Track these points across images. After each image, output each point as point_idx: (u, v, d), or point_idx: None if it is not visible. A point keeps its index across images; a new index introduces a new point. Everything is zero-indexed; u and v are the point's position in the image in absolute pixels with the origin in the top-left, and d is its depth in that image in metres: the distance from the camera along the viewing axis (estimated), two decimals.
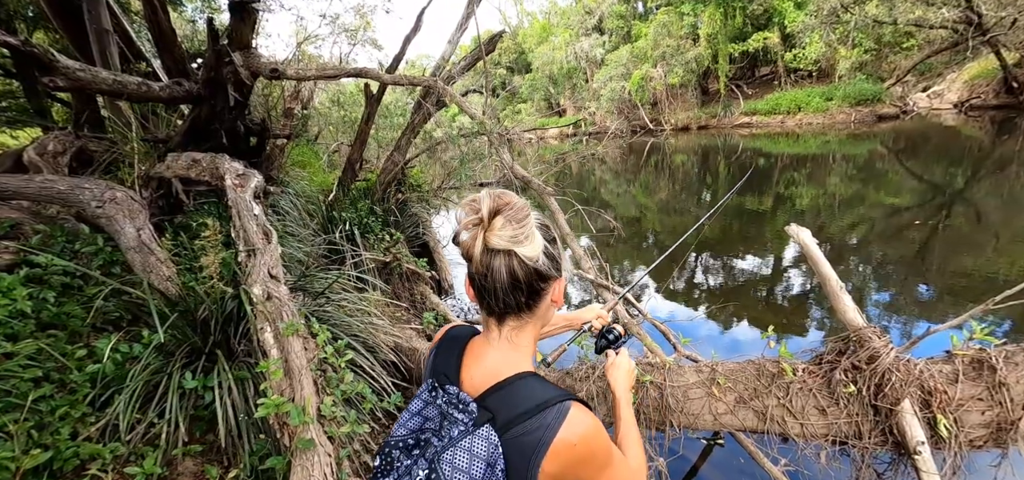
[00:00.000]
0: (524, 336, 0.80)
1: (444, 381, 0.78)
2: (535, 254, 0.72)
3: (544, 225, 0.79)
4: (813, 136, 17.21)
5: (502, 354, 0.78)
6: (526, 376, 0.75)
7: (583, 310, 1.35)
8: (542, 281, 0.76)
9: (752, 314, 4.57)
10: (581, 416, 0.72)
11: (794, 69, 21.79)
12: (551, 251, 0.77)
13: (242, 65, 2.98)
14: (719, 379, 1.63)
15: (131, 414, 1.79)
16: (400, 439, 0.73)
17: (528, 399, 0.71)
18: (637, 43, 25.73)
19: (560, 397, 0.72)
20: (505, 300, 0.75)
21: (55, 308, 2.06)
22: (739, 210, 8.99)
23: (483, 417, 0.70)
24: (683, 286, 5.63)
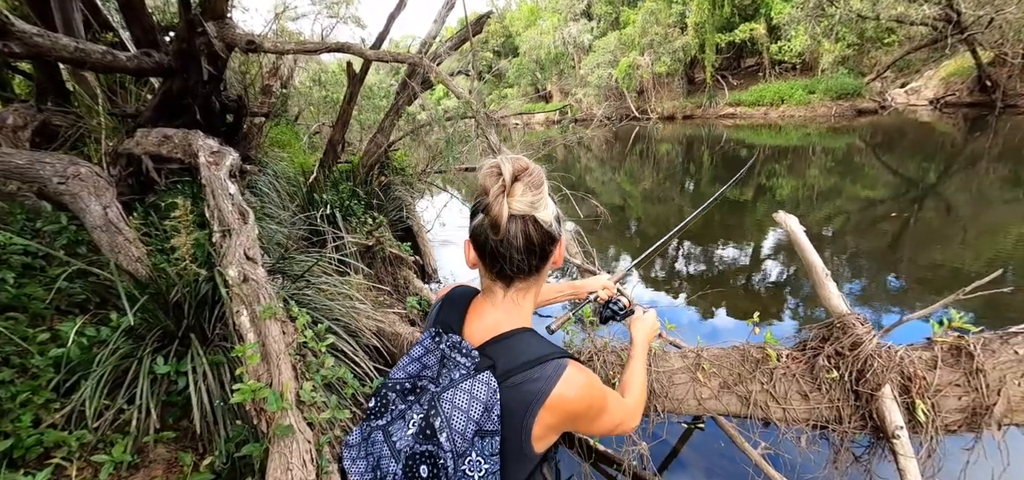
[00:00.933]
0: (528, 297, 0.81)
1: (447, 329, 0.80)
2: (549, 218, 0.74)
3: (549, 191, 0.79)
4: (795, 128, 17.49)
5: (504, 313, 0.80)
6: (526, 331, 0.78)
7: (590, 280, 1.33)
8: (552, 244, 0.78)
9: (731, 302, 4.65)
10: (577, 374, 0.74)
11: (779, 61, 22.04)
12: (557, 212, 0.79)
13: (216, 36, 2.84)
14: (704, 364, 1.63)
15: (99, 400, 1.70)
16: (397, 382, 0.75)
17: (528, 351, 0.74)
18: (625, 30, 25.65)
19: (558, 353, 0.75)
20: (519, 264, 0.75)
21: (15, 289, 1.95)
22: (721, 200, 9.10)
23: (484, 363, 0.72)
24: (664, 274, 5.69)
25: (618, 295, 1.30)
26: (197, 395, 1.65)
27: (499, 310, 0.80)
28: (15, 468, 1.47)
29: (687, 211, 8.91)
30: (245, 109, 5.06)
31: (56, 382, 1.72)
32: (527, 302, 0.82)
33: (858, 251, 5.84)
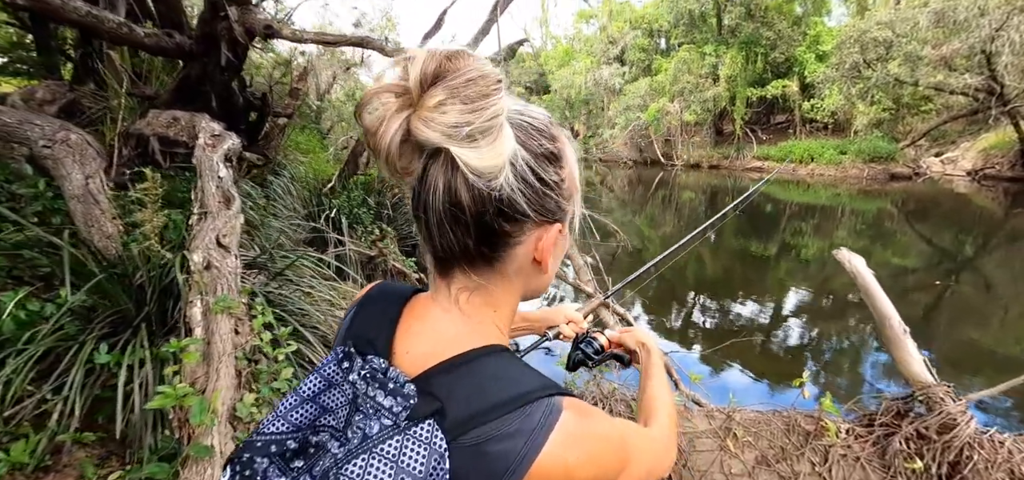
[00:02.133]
0: (485, 306, 0.50)
1: (365, 348, 0.49)
2: (492, 166, 0.41)
3: (535, 126, 0.47)
4: (824, 187, 17.01)
5: (460, 323, 0.50)
6: (495, 352, 0.48)
7: (551, 310, 0.99)
8: (507, 220, 0.45)
9: (749, 361, 4.25)
10: (578, 422, 0.45)
11: (810, 119, 21.75)
12: (537, 170, 0.46)
13: (237, 21, 2.76)
14: (736, 430, 1.33)
15: (21, 384, 1.48)
16: (274, 438, 0.45)
17: (499, 386, 0.44)
18: (657, 77, 25.80)
19: (547, 389, 0.45)
20: (442, 239, 0.46)
21: None
22: (742, 254, 8.74)
23: (425, 407, 0.42)
24: (679, 324, 5.33)
25: (591, 332, 0.98)
26: (122, 393, 1.40)
27: (451, 319, 0.50)
28: None
29: (707, 261, 8.53)
30: (268, 108, 5.02)
31: None
32: (487, 310, 0.51)
33: None
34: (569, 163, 0.50)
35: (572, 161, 0.51)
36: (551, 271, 0.54)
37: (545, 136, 0.47)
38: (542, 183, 0.46)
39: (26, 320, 1.62)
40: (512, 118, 0.45)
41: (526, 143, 0.45)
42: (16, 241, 1.99)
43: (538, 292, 0.56)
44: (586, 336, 0.96)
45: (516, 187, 0.44)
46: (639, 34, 28.71)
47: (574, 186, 0.52)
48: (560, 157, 0.49)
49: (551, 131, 0.48)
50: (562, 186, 0.49)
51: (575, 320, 0.98)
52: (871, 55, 16.63)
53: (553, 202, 0.48)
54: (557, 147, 0.48)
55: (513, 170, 0.43)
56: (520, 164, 0.44)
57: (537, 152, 0.46)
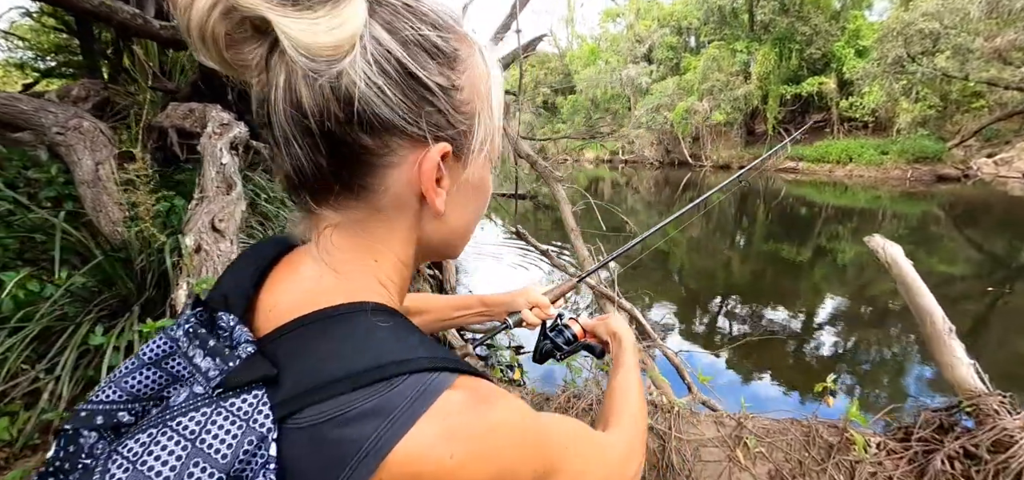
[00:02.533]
0: (360, 251, 0.40)
1: (219, 305, 0.37)
2: (327, 44, 0.31)
3: (414, 9, 0.35)
4: (863, 189, 16.18)
5: (322, 272, 0.39)
6: (363, 310, 0.37)
7: (513, 292, 0.87)
8: (364, 128, 0.34)
9: (779, 370, 4.00)
10: (469, 404, 0.34)
11: (849, 118, 20.76)
12: (407, 63, 0.34)
13: None
14: (747, 440, 1.19)
15: (16, 362, 1.49)
16: (101, 409, 0.34)
17: (355, 353, 0.33)
18: (685, 75, 25.21)
19: (428, 360, 0.34)
20: (290, 158, 0.36)
21: None
22: (774, 258, 8.36)
23: (249, 373, 0.31)
24: (703, 329, 5.10)
25: (560, 320, 0.87)
26: (106, 373, 1.38)
27: (317, 267, 0.39)
28: None
29: (735, 265, 8.20)
30: None
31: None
32: (363, 257, 0.40)
33: None
34: (474, 71, 0.39)
35: (481, 72, 0.40)
36: (457, 219, 0.43)
37: (427, 22, 0.35)
38: (416, 82, 0.35)
39: (25, 300, 1.64)
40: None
41: (392, 24, 0.34)
42: (30, 224, 2.03)
43: (447, 249, 0.46)
44: (557, 324, 0.86)
45: (372, 81, 0.33)
46: (667, 32, 28.11)
47: (482, 106, 0.40)
48: (453, 56, 0.37)
49: (444, 20, 0.37)
50: (453, 94, 0.37)
51: (540, 305, 0.85)
52: (916, 48, 15.73)
53: (436, 113, 0.36)
54: (450, 42, 0.37)
55: (367, 56, 0.33)
56: (378, 49, 0.33)
57: (408, 37, 0.34)
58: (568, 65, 35.85)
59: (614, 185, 21.21)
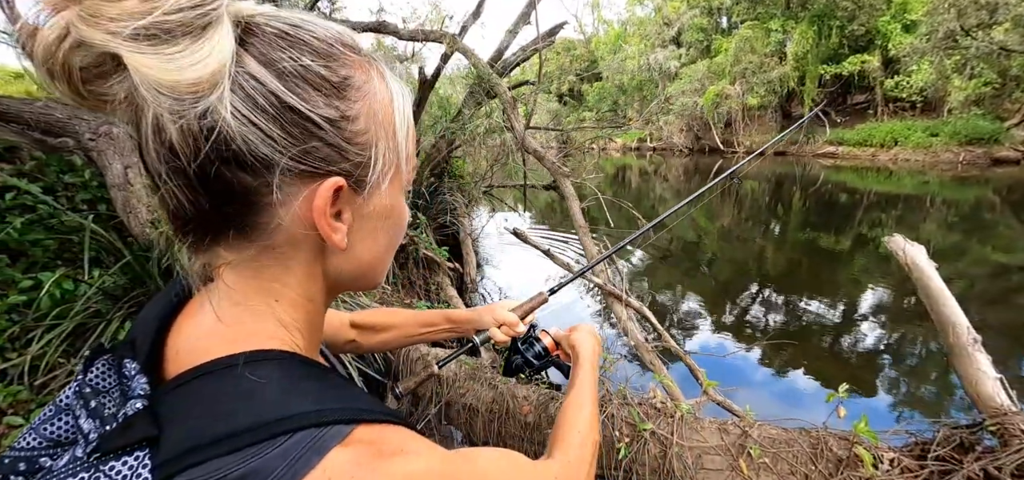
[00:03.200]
0: (260, 294, 0.38)
1: (127, 351, 0.38)
2: (186, 81, 0.28)
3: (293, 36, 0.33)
4: (910, 174, 15.27)
5: (220, 319, 0.37)
6: (259, 359, 0.35)
7: (480, 309, 0.87)
8: (242, 168, 0.32)
9: (816, 368, 3.83)
10: (364, 460, 0.32)
11: (894, 98, 19.52)
12: (285, 96, 0.32)
13: None
14: (751, 449, 1.14)
15: (53, 356, 1.59)
16: (22, 456, 0.35)
17: (240, 409, 0.32)
18: (716, 58, 24.31)
19: (323, 415, 0.32)
20: (170, 198, 0.33)
21: (18, 234, 1.94)
22: (810, 247, 8.00)
23: (129, 434, 0.31)
24: (733, 322, 4.93)
25: (532, 331, 0.86)
26: None
27: (213, 310, 0.38)
28: None
29: (769, 255, 7.90)
30: None
31: (14, 331, 1.63)
32: (263, 299, 0.38)
33: (984, 323, 4.67)
34: (370, 99, 0.37)
35: (380, 99, 0.38)
36: (365, 251, 0.41)
37: (309, 50, 0.33)
38: (297, 116, 0.32)
39: (60, 298, 1.75)
40: (247, 18, 0.32)
41: (265, 55, 0.32)
42: (67, 226, 2.15)
43: (359, 281, 0.44)
44: (528, 337, 0.84)
45: (246, 118, 0.31)
46: (697, 13, 27.14)
47: (382, 134, 0.38)
48: (342, 86, 0.35)
49: (324, 48, 0.34)
50: (345, 126, 0.35)
51: (508, 323, 0.84)
52: (971, 21, 14.59)
53: (324, 147, 0.34)
54: (338, 70, 0.35)
55: (239, 92, 0.31)
56: (252, 84, 0.31)
57: (286, 69, 0.32)
58: (593, 51, 35.19)
59: (642, 173, 20.78)
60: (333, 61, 0.35)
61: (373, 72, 0.38)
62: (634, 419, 1.26)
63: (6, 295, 1.68)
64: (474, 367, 1.95)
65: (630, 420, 1.30)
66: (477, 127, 5.55)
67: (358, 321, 0.80)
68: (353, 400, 0.36)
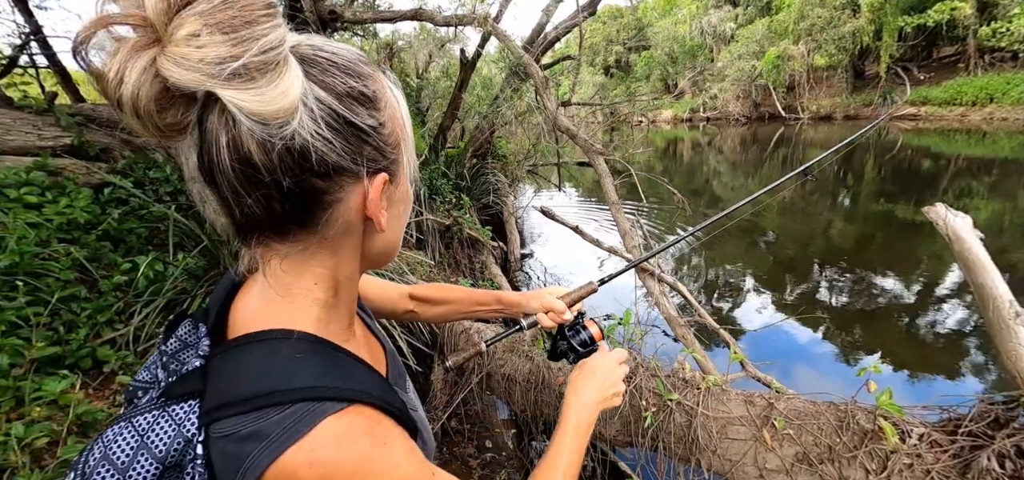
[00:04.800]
0: (303, 277, 0.45)
1: (201, 317, 0.48)
2: (278, 110, 0.35)
3: (335, 62, 0.40)
4: (1007, 135, 13.52)
5: (266, 297, 0.45)
6: (279, 338, 0.42)
7: (529, 294, 0.89)
8: (316, 175, 0.39)
9: (887, 347, 3.59)
10: (352, 437, 0.38)
11: (990, 49, 17.20)
12: (344, 112, 0.39)
13: (310, 10, 3.00)
14: (776, 421, 1.13)
15: (151, 327, 1.85)
16: (135, 384, 0.47)
17: (258, 376, 0.39)
18: (777, 16, 22.48)
19: (318, 391, 0.39)
20: (241, 207, 0.39)
21: (117, 223, 2.24)
22: (886, 218, 7.37)
23: (183, 386, 0.41)
24: (788, 297, 4.69)
25: (579, 319, 0.87)
26: None
27: (263, 290, 0.45)
28: (73, 371, 1.63)
29: (837, 227, 7.38)
30: None
31: (120, 306, 1.91)
32: (305, 283, 0.45)
33: None
34: (390, 105, 0.44)
35: (394, 104, 0.45)
36: (393, 231, 0.49)
37: (351, 74, 0.40)
38: (353, 128, 0.40)
39: (153, 278, 2.01)
40: (303, 53, 0.39)
41: (324, 81, 0.38)
42: (154, 216, 2.44)
43: (384, 257, 0.52)
44: (575, 324, 0.86)
45: (319, 134, 0.37)
46: None
47: (401, 132, 0.46)
48: (375, 98, 0.42)
49: (359, 69, 0.41)
50: (382, 131, 0.43)
51: (555, 309, 0.86)
52: None
53: (372, 149, 0.42)
54: (370, 86, 0.42)
55: (311, 114, 0.37)
56: (319, 107, 0.37)
57: (341, 91, 0.39)
58: (641, 19, 33.61)
59: (694, 146, 19.84)
60: (366, 79, 0.41)
61: (385, 83, 0.45)
62: (660, 389, 1.29)
63: (111, 276, 1.97)
64: (513, 339, 2.04)
65: (657, 391, 1.33)
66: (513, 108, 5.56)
67: (418, 294, 0.87)
68: (355, 382, 0.42)
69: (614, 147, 6.64)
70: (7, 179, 2.09)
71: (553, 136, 5.89)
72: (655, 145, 20.17)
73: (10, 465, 1.24)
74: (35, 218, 1.98)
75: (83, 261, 1.95)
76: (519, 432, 2.31)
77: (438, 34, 12.31)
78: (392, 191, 0.46)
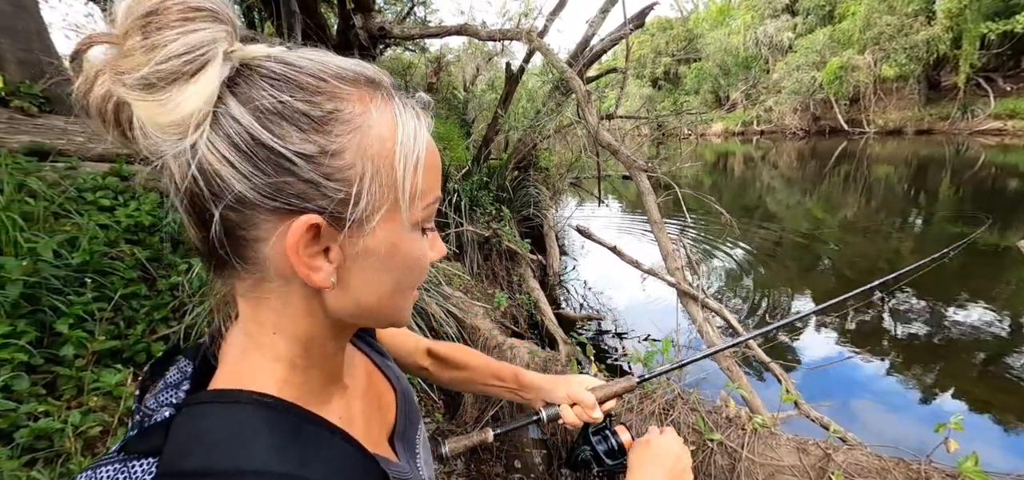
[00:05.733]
0: (266, 326, 0.39)
1: (193, 353, 0.43)
2: (170, 123, 0.31)
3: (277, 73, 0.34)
4: None
5: (239, 342, 0.40)
6: (238, 401, 0.37)
7: (556, 379, 0.76)
8: (228, 206, 0.33)
9: (965, 387, 3.22)
10: None
11: None
12: (257, 133, 0.32)
13: (361, 27, 3.12)
14: (834, 474, 1.01)
15: (201, 325, 1.95)
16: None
17: (206, 451, 0.34)
18: (841, 24, 21.23)
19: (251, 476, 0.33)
20: (190, 230, 0.36)
21: (177, 226, 2.39)
22: (968, 244, 6.69)
23: (151, 441, 0.35)
24: (847, 326, 4.32)
25: (607, 422, 0.74)
26: None
27: (237, 336, 0.41)
28: (128, 365, 1.74)
29: (906, 249, 6.77)
30: None
31: (175, 304, 2.02)
32: (267, 333, 0.39)
33: None
34: (362, 131, 0.35)
35: (373, 128, 0.36)
36: (363, 294, 0.39)
37: (296, 87, 0.34)
38: (269, 152, 0.33)
39: (204, 280, 2.13)
40: (251, 62, 0.34)
41: (248, 95, 0.33)
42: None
43: (366, 320, 0.43)
44: (602, 427, 0.73)
45: (223, 156, 0.32)
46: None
47: (374, 165, 0.36)
48: (325, 120, 0.34)
49: (318, 83, 0.34)
50: (324, 161, 0.34)
51: (583, 403, 0.73)
52: None
53: (298, 183, 0.34)
54: (323, 105, 0.34)
55: (220, 132, 0.32)
56: (232, 123, 0.32)
57: (265, 109, 0.33)
58: (691, 30, 32.74)
59: (747, 160, 18.98)
60: (318, 96, 0.34)
61: (374, 105, 0.36)
62: (700, 426, 1.19)
63: (168, 276, 2.10)
64: (545, 359, 1.98)
65: (696, 427, 1.23)
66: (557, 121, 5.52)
67: (436, 351, 0.80)
68: (315, 466, 0.36)
69: (661, 160, 6.45)
70: (86, 183, 2.28)
71: (594, 150, 5.80)
72: (704, 159, 19.45)
73: (65, 451, 1.32)
74: (106, 220, 2.15)
75: (144, 261, 2.09)
76: (549, 454, 2.24)
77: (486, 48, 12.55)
78: (347, 241, 0.37)
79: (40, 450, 1.37)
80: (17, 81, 2.54)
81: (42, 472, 1.25)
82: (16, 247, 1.73)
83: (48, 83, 2.63)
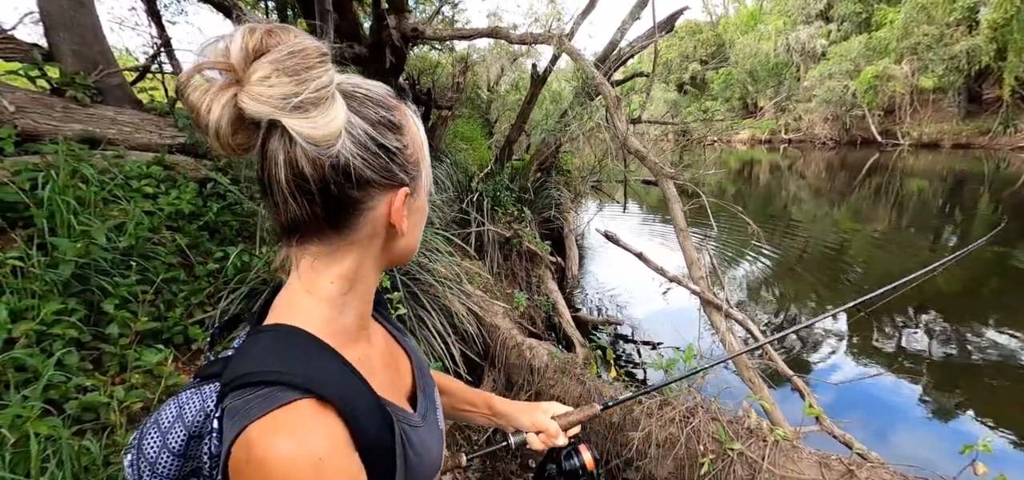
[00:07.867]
0: (327, 273, 0.51)
1: (251, 317, 0.58)
2: (326, 134, 0.43)
3: (370, 97, 0.49)
4: None
5: (292, 291, 0.53)
6: (283, 332, 0.49)
7: (524, 407, 0.83)
8: (353, 186, 0.47)
9: (997, 411, 3.11)
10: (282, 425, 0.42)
11: None
12: (376, 137, 0.48)
13: (395, 27, 3.19)
14: None
15: (234, 310, 2.04)
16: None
17: (255, 360, 0.46)
18: (877, 32, 20.56)
19: (277, 376, 0.44)
20: (288, 211, 0.48)
21: (215, 216, 2.49)
22: (998, 262, 6.45)
23: (217, 367, 0.51)
24: (873, 343, 4.20)
25: (573, 447, 0.79)
26: None
27: (291, 285, 0.53)
28: (167, 345, 1.83)
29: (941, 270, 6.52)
30: (433, 102, 5.67)
31: (211, 290, 2.11)
32: (326, 280, 0.51)
33: None
34: (411, 132, 0.53)
35: (414, 130, 0.54)
36: (412, 236, 0.57)
37: (381, 105, 0.49)
38: (383, 149, 0.48)
39: (241, 267, 2.22)
40: (345, 89, 0.47)
41: (361, 112, 0.47)
42: (245, 211, 2.68)
43: (404, 257, 0.59)
44: (568, 449, 0.79)
45: (357, 154, 0.46)
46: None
47: (419, 153, 0.54)
48: (400, 126, 0.51)
49: (388, 101, 0.51)
50: (405, 152, 0.51)
51: (547, 431, 0.80)
52: None
53: (397, 167, 0.50)
54: (396, 116, 0.51)
55: (351, 138, 0.46)
56: (358, 132, 0.46)
57: (374, 120, 0.48)
58: (721, 35, 32.13)
59: (772, 169, 18.56)
60: (393, 110, 0.51)
61: (408, 113, 0.54)
62: (721, 436, 1.19)
63: (206, 263, 2.20)
64: (564, 361, 2.01)
65: (717, 436, 1.23)
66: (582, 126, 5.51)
67: None
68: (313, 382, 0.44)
69: (683, 167, 6.37)
70: (132, 171, 2.40)
71: (620, 155, 5.77)
72: (728, 166, 19.10)
73: (111, 424, 1.41)
74: (150, 207, 2.26)
75: (184, 247, 2.19)
76: None
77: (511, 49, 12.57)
78: (412, 202, 0.54)
79: (87, 422, 1.46)
80: (72, 72, 2.68)
81: (91, 441, 1.34)
82: (69, 229, 1.84)
83: (100, 75, 2.77)
